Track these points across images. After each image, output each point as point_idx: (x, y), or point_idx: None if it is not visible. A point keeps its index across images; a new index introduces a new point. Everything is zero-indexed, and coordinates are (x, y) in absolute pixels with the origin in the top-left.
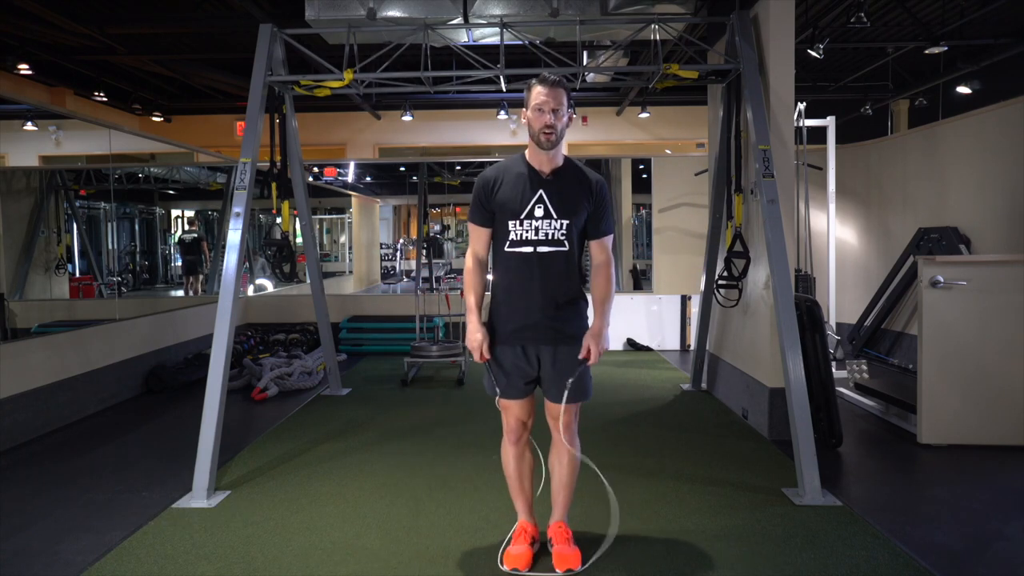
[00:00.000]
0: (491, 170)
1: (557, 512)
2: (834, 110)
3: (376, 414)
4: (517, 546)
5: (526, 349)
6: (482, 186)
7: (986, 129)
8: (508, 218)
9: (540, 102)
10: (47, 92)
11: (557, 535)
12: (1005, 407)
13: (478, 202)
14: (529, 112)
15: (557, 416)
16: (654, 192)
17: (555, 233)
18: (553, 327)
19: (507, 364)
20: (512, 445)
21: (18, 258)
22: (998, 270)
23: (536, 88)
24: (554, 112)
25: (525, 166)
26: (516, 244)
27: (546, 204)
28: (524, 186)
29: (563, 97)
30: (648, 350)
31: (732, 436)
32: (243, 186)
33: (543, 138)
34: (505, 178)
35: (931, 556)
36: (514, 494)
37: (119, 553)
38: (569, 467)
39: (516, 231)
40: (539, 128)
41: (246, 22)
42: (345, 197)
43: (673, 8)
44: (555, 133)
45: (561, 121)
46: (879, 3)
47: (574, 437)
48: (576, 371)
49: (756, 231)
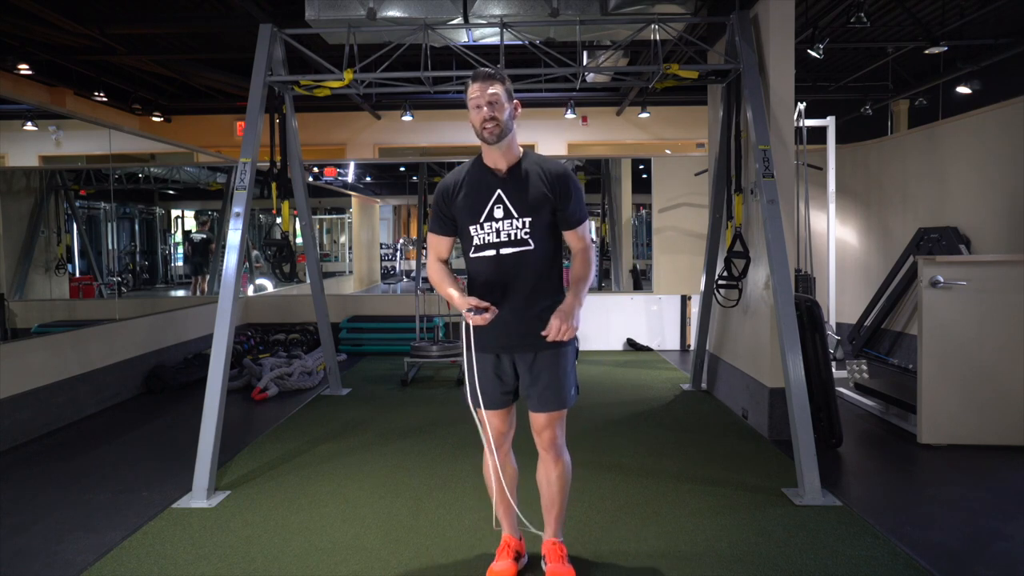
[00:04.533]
0: (450, 176)
1: (549, 529)
2: (834, 110)
3: (376, 414)
4: (501, 562)
5: (501, 358)
6: (442, 194)
7: (986, 129)
8: (469, 223)
9: (474, 98)
10: (47, 92)
11: (551, 553)
12: (1005, 407)
13: (438, 210)
14: (470, 112)
15: (538, 430)
16: (654, 192)
17: (517, 233)
18: (528, 332)
19: (483, 374)
20: (492, 456)
21: (18, 258)
22: (998, 270)
23: (470, 86)
24: (490, 104)
25: (481, 167)
26: (480, 248)
27: (505, 203)
28: (481, 188)
29: (499, 87)
30: (648, 350)
31: (732, 436)
32: (243, 186)
33: (486, 133)
34: (463, 182)
35: (931, 556)
36: (498, 507)
37: (119, 553)
38: (558, 483)
39: (478, 235)
40: (480, 123)
41: (246, 22)
42: (345, 197)
43: (673, 8)
44: (498, 125)
45: (503, 112)
46: (879, 3)
47: (561, 452)
48: (555, 375)
49: (756, 231)
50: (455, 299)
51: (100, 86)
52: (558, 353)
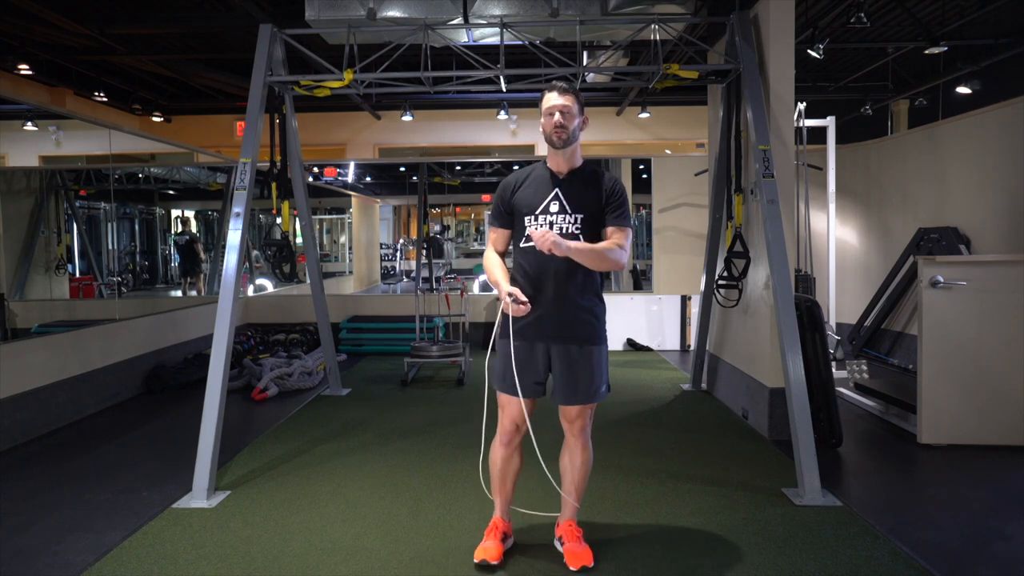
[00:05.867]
0: (513, 174)
1: (567, 511)
2: (834, 110)
3: (376, 414)
4: (489, 541)
5: (535, 347)
6: (503, 188)
7: (986, 129)
8: (525, 215)
9: (549, 106)
10: (47, 92)
11: (568, 534)
12: (1005, 407)
13: (498, 204)
14: (542, 118)
15: (570, 419)
16: (654, 192)
17: (569, 227)
18: (565, 324)
19: (518, 359)
20: (502, 447)
21: (18, 258)
22: (998, 270)
23: (546, 95)
24: (563, 113)
25: (544, 168)
26: (531, 239)
27: (561, 200)
28: (542, 185)
29: (572, 100)
30: (648, 350)
31: (732, 436)
32: (243, 186)
33: (555, 137)
34: (525, 180)
35: (931, 556)
36: (494, 490)
37: (119, 553)
38: (582, 469)
39: (532, 226)
40: (551, 129)
41: (246, 22)
42: (345, 197)
43: (673, 8)
44: (567, 132)
45: (572, 122)
46: (879, 3)
47: (588, 441)
48: (590, 370)
49: (756, 231)
50: (500, 286)
51: (100, 86)
52: (592, 350)
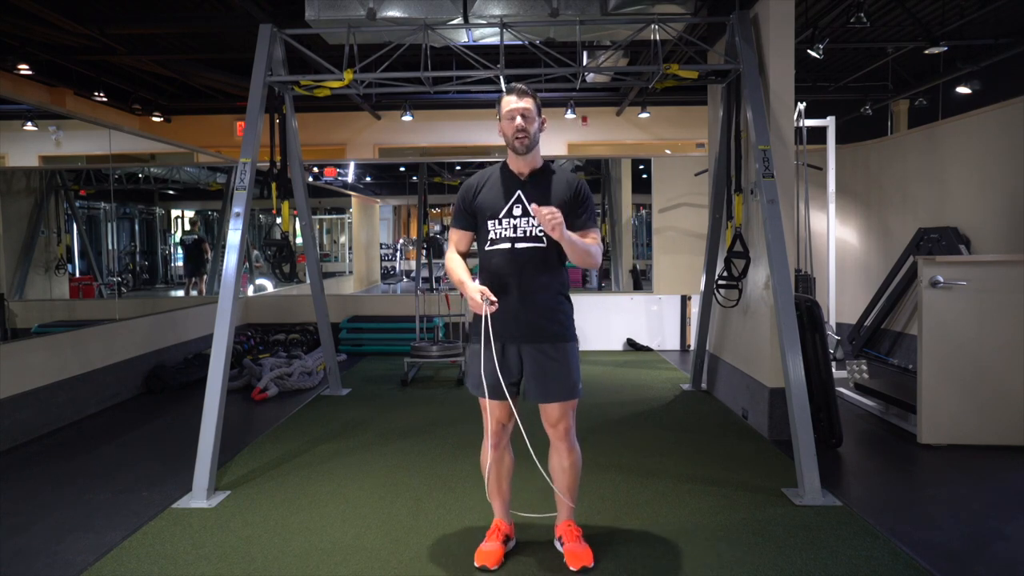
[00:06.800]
0: (474, 176)
1: (563, 513)
2: (834, 110)
3: (376, 414)
4: (489, 543)
5: (507, 349)
6: (465, 191)
7: (986, 129)
8: (488, 218)
9: (509, 110)
10: (47, 92)
11: (567, 534)
12: (1005, 407)
13: (460, 206)
14: (502, 122)
15: (553, 422)
16: (654, 192)
17: (533, 230)
18: (534, 324)
19: (489, 363)
20: (492, 449)
21: (18, 258)
22: (998, 270)
23: (505, 98)
24: (524, 117)
25: (505, 171)
26: (495, 242)
27: (523, 202)
28: (503, 188)
29: (532, 102)
30: (648, 350)
31: (732, 436)
32: (243, 186)
33: (517, 143)
34: (486, 182)
35: (931, 556)
36: (491, 494)
37: (119, 553)
38: (572, 471)
39: (495, 230)
40: (512, 134)
41: (246, 22)
42: (345, 197)
43: (673, 8)
44: (528, 137)
45: (532, 125)
46: (879, 3)
47: (573, 442)
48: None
49: (756, 231)
50: (466, 285)
51: (100, 86)
52: (564, 347)
